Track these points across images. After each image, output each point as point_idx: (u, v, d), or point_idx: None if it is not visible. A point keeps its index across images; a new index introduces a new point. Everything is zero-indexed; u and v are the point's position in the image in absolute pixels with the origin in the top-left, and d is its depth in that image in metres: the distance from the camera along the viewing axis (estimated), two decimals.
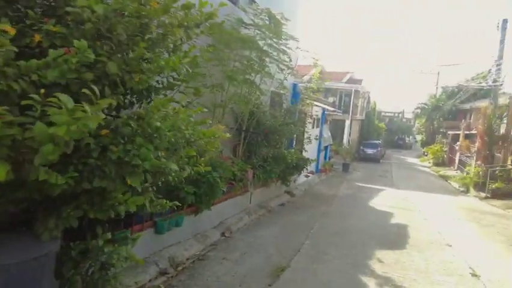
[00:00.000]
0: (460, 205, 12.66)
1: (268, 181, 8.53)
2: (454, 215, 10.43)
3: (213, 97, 6.68)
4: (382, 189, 14.93)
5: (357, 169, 22.11)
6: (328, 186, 13.86)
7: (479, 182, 15.76)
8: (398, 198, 12.69)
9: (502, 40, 17.36)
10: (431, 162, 26.75)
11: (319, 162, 16.33)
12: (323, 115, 16.26)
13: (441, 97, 30.76)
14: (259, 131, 8.06)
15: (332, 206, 9.89)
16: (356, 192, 13.29)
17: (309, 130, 14.11)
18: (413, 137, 45.78)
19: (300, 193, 11.30)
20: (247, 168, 7.11)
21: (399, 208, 10.63)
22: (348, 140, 26.41)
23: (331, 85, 25.72)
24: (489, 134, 16.04)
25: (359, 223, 8.11)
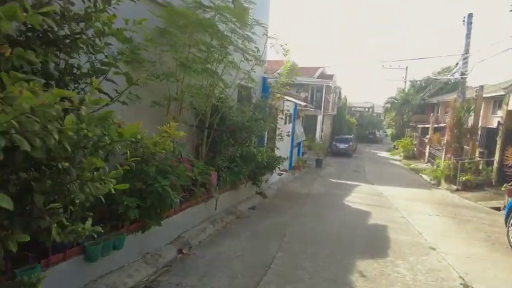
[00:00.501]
0: (433, 199, 12.29)
1: (237, 183, 7.59)
2: (430, 210, 9.94)
3: (167, 89, 5.63)
4: (356, 185, 14.39)
5: (330, 164, 21.63)
6: (302, 184, 13.12)
7: (449, 174, 15.60)
8: (373, 195, 12.14)
9: (467, 34, 17.27)
10: (402, 156, 26.83)
11: (292, 159, 15.58)
12: (295, 110, 15.50)
13: (410, 91, 30.99)
14: (224, 128, 7.08)
15: (306, 206, 9.09)
16: (330, 189, 12.62)
17: (281, 126, 13.28)
18: (383, 131, 46.34)
19: (273, 193, 10.44)
20: (210, 171, 6.12)
21: (375, 206, 10.02)
22: (320, 135, 25.95)
23: (303, 80, 25.10)
24: (458, 127, 15.90)
25: (336, 226, 7.34)
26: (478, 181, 14.49)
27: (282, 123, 13.43)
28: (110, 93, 3.46)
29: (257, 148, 8.23)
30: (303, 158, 18.93)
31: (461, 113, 15.79)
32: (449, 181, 15.60)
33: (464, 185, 14.54)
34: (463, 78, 16.68)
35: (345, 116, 32.16)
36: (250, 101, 9.46)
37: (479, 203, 12.07)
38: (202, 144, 6.94)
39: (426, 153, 23.16)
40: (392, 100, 32.79)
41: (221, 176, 6.85)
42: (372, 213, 8.83)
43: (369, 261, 5.24)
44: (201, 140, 6.96)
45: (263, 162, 8.19)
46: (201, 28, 5.80)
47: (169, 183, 4.36)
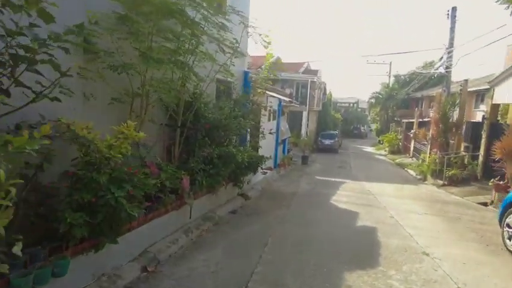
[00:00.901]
0: (421, 196, 11.89)
1: (215, 186, 6.90)
2: (418, 208, 9.49)
3: (129, 83, 4.89)
4: (342, 182, 13.90)
5: (316, 161, 21.15)
6: (287, 183, 12.52)
7: (436, 169, 15.30)
8: (360, 192, 11.64)
9: (451, 28, 16.97)
10: (387, 151, 26.60)
11: (277, 157, 14.98)
12: (279, 106, 14.88)
13: (394, 86, 30.79)
14: (199, 127, 6.37)
15: (290, 208, 8.48)
16: (316, 187, 12.07)
17: (265, 123, 12.63)
18: (367, 126, 46.28)
19: (256, 194, 9.80)
20: (182, 175, 5.42)
21: (362, 205, 9.51)
22: (306, 131, 25.45)
23: (287, 76, 24.54)
24: (444, 121, 15.58)
25: (322, 230, 6.75)
26: (464, 176, 14.21)
27: (266, 120, 12.79)
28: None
29: (237, 147, 7.53)
30: (289, 155, 18.37)
31: (446, 107, 15.47)
32: (435, 176, 15.30)
33: (450, 179, 14.25)
34: (447, 72, 16.36)
35: (330, 111, 31.75)
36: (230, 97, 8.77)
37: (466, 199, 11.73)
38: (175, 145, 6.23)
39: (411, 147, 22.94)
40: (376, 95, 32.56)
41: (196, 180, 6.16)
42: (360, 214, 8.29)
43: (359, 273, 4.65)
44: (174, 140, 6.24)
45: (244, 162, 7.53)
46: (168, 14, 5.06)
47: (125, 193, 3.65)
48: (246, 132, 10.01)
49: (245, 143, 10.16)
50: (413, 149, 22.55)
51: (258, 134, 10.88)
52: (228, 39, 6.92)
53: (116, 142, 3.92)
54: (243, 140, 10.20)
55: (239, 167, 7.65)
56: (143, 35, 4.87)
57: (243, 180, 8.48)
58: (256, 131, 10.77)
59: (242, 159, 7.34)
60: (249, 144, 10.37)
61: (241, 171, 7.94)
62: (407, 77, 29.46)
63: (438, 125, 15.78)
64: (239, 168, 7.76)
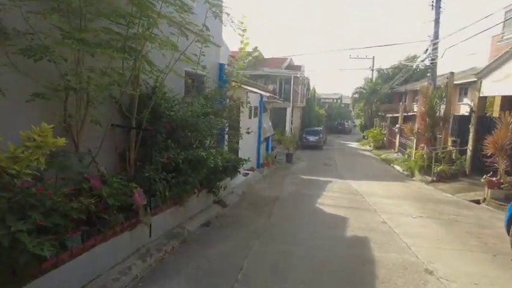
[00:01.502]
0: (411, 194, 11.10)
1: (183, 196, 5.82)
2: (411, 210, 8.66)
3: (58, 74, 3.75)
4: (328, 181, 13.02)
5: (301, 158, 20.28)
6: (270, 184, 11.52)
7: (423, 165, 14.61)
8: (347, 193, 10.76)
9: (436, 19, 16.30)
10: (372, 146, 26.00)
11: (260, 156, 13.97)
12: (261, 103, 13.85)
13: (378, 81, 30.20)
14: (159, 127, 5.26)
15: (272, 217, 7.45)
16: (301, 188, 11.11)
17: (245, 121, 11.58)
18: (351, 122, 45.83)
19: (236, 199, 8.76)
20: (133, 189, 4.33)
21: (351, 208, 8.60)
22: (290, 128, 24.53)
23: (270, 72, 23.52)
24: (431, 115, 14.90)
25: (307, 244, 5.77)
26: (452, 171, 13.55)
27: (246, 118, 11.75)
28: None
29: (209, 150, 6.44)
30: (273, 153, 17.40)
31: (433, 100, 14.78)
32: (423, 172, 14.61)
33: (438, 175, 13.57)
34: (433, 64, 15.68)
35: (314, 107, 30.95)
36: (201, 93, 7.66)
37: (457, 196, 11.02)
38: (130, 150, 5.11)
39: (396, 142, 22.35)
40: (360, 90, 31.93)
41: (157, 191, 5.07)
42: (349, 220, 7.36)
43: None
44: (129, 144, 5.12)
45: (218, 166, 6.47)
46: None
47: (31, 225, 2.55)
48: (223, 132, 8.94)
49: (223, 143, 9.10)
50: (399, 144, 21.96)
51: (237, 133, 9.83)
52: (196, 25, 5.83)
53: (24, 153, 2.80)
54: (221, 140, 9.14)
55: (213, 172, 6.59)
56: (75, 12, 3.73)
57: (219, 186, 7.42)
58: (235, 130, 9.71)
59: (215, 163, 6.27)
60: (227, 144, 9.32)
61: (215, 176, 6.88)
62: (390, 71, 28.93)
63: (425, 119, 15.09)
64: (213, 174, 6.70)
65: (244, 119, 11.22)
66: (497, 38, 15.39)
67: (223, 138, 9.11)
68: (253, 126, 12.84)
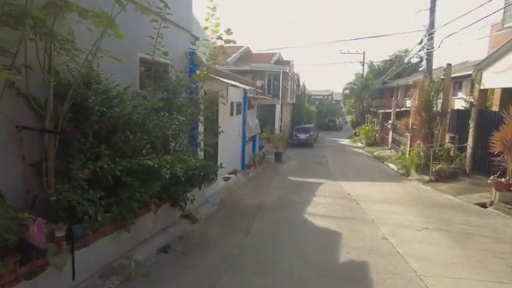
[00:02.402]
0: (410, 197, 9.80)
1: (129, 217, 4.36)
2: (413, 218, 7.34)
3: None
4: (319, 183, 11.66)
5: (291, 157, 18.94)
6: (254, 189, 10.12)
7: (420, 163, 13.36)
8: (340, 198, 9.42)
9: (432, 8, 15.00)
10: (364, 143, 24.77)
11: (245, 157, 12.56)
12: (245, 98, 12.42)
13: (369, 76, 28.93)
14: (85, 128, 3.81)
15: (250, 234, 5.99)
16: (288, 193, 9.72)
17: (226, 118, 10.17)
18: (342, 118, 44.61)
19: (210, 211, 7.34)
20: (28, 220, 2.89)
21: (344, 218, 7.26)
22: (280, 126, 23.16)
23: (258, 67, 22.09)
24: (428, 110, 13.63)
25: (292, 278, 4.39)
26: (452, 170, 12.31)
27: (227, 115, 10.32)
28: None
29: (165, 157, 4.97)
30: (260, 153, 16.01)
31: (430, 94, 13.51)
32: (420, 171, 13.36)
33: (437, 175, 12.32)
34: (428, 56, 14.39)
35: (304, 104, 29.61)
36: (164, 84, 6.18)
37: (459, 198, 9.76)
38: (47, 161, 3.65)
39: (389, 139, 21.14)
40: (351, 86, 30.59)
41: (86, 214, 3.63)
42: (342, 236, 6.00)
43: None
44: (45, 153, 3.66)
45: (178, 176, 5.03)
46: None
47: None
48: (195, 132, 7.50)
49: (195, 145, 7.67)
50: (392, 140, 20.76)
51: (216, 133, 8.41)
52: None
53: None
54: (192, 141, 7.70)
55: (173, 183, 5.16)
56: None
57: (186, 197, 5.99)
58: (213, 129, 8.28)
59: (173, 171, 4.84)
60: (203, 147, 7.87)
61: (177, 188, 5.45)
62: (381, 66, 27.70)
63: (421, 114, 13.83)
64: (174, 185, 5.27)
65: (224, 117, 9.79)
66: (497, 27, 14.16)
67: (195, 139, 7.67)
68: (236, 124, 11.43)
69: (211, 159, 9.23)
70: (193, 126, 6.98)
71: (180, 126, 5.92)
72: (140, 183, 4.43)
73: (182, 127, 6.10)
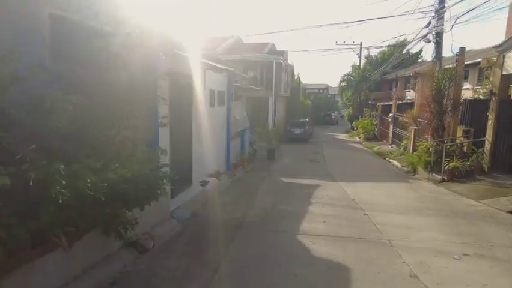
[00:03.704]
0: (425, 203, 7.84)
1: None
2: (441, 236, 5.41)
3: None
4: (316, 185, 9.68)
5: (284, 154, 16.94)
6: (238, 195, 8.11)
7: (430, 160, 11.44)
8: (343, 205, 7.44)
9: None
10: (362, 137, 22.80)
11: (230, 156, 10.53)
12: (230, 87, 10.36)
13: (367, 67, 26.89)
14: None
15: (217, 276, 4.01)
16: (279, 201, 7.72)
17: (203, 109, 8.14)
18: (338, 113, 42.57)
19: (172, 232, 5.32)
20: None
21: (352, 239, 5.29)
22: (273, 120, 21.12)
23: (250, 57, 19.97)
24: (438, 100, 11.67)
25: None
26: (467, 168, 10.41)
27: (205, 105, 8.28)
28: None
29: (58, 167, 2.91)
30: (250, 150, 13.99)
31: (441, 82, 11.52)
32: (429, 168, 11.45)
33: (450, 173, 10.42)
34: (438, 39, 12.37)
35: (299, 97, 27.53)
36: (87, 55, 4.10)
37: (483, 203, 7.89)
38: None
39: (389, 133, 19.18)
40: (348, 78, 28.45)
41: None
42: (353, 273, 4.05)
43: None
44: None
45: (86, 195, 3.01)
46: None
47: None
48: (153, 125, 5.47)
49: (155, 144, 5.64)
50: (392, 134, 18.81)
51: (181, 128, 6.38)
52: None
53: None
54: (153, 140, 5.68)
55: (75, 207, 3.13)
56: None
57: (126, 219, 3.97)
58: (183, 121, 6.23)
59: (79, 188, 2.82)
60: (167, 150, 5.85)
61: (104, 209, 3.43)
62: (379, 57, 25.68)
63: (431, 105, 11.86)
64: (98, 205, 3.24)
65: (199, 107, 7.76)
66: None
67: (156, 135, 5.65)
68: (218, 117, 9.39)
69: (184, 161, 7.23)
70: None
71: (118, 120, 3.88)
72: (10, 212, 2.41)
73: (123, 121, 4.05)
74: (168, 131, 6.48)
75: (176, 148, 6.79)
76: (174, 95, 6.60)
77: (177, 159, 6.85)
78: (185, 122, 7.31)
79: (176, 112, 6.76)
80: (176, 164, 6.76)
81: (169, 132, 6.54)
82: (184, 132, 7.25)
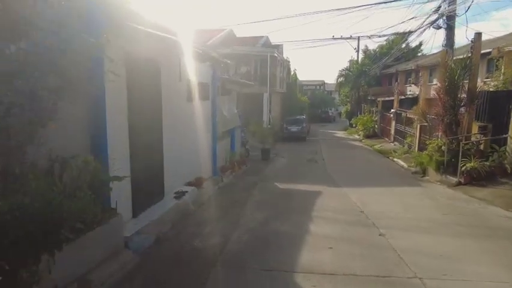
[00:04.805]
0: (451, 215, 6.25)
1: None
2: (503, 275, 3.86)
3: None
4: (317, 192, 8.06)
5: (280, 154, 15.34)
6: (222, 209, 6.43)
7: (443, 160, 9.88)
8: (352, 224, 5.79)
9: None
10: (361, 135, 21.22)
11: (216, 158, 8.90)
12: (215, 78, 8.70)
13: (365, 61, 25.26)
14: None
15: None
16: (271, 217, 6.02)
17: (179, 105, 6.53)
18: (335, 109, 40.96)
19: (119, 273, 3.70)
20: None
21: (370, 279, 3.72)
22: (268, 117, 19.49)
23: (243, 51, 18.31)
24: (452, 93, 10.08)
25: None
26: (487, 169, 8.86)
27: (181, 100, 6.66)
28: None
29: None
30: (242, 150, 12.40)
31: (455, 72, 9.94)
32: (442, 170, 9.90)
33: (468, 176, 8.89)
34: (450, 22, 10.74)
35: (296, 94, 25.86)
36: None
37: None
38: None
39: (391, 130, 17.62)
40: (346, 72, 26.75)
41: None
42: None
43: None
44: None
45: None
46: None
47: None
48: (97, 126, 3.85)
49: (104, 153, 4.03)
50: (395, 131, 17.25)
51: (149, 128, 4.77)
52: None
53: None
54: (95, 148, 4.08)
55: None
56: None
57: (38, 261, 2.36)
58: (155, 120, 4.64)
59: None
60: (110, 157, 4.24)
61: None
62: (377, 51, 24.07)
63: (443, 99, 10.27)
64: None
65: (172, 102, 6.13)
66: None
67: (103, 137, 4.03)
68: (200, 114, 7.76)
69: (152, 169, 5.61)
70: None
71: None
72: None
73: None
74: (126, 130, 4.86)
75: (141, 153, 5.17)
76: (134, 85, 4.97)
77: (142, 167, 5.24)
78: (154, 120, 5.68)
79: (138, 106, 5.13)
80: (141, 173, 5.15)
81: (128, 132, 4.93)
82: (152, 132, 5.62)
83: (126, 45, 4.56)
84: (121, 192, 4.57)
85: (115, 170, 4.31)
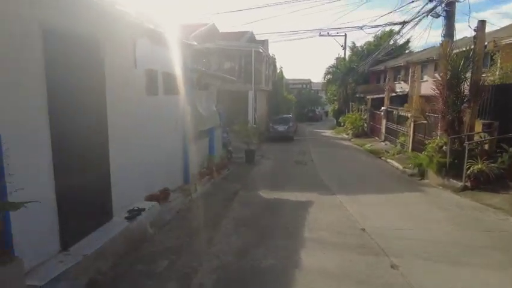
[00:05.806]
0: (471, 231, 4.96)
1: None
2: None
3: None
4: (309, 203, 6.66)
5: (266, 155, 13.95)
6: (183, 237, 4.86)
7: (445, 162, 8.71)
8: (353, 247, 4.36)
9: None
10: (350, 134, 20.08)
11: (188, 164, 7.38)
12: (189, 71, 7.20)
13: (353, 58, 24.18)
14: None
15: None
16: (251, 243, 4.51)
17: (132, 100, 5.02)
18: (322, 108, 39.92)
19: None
20: None
21: None
22: (253, 117, 18.07)
23: (226, 46, 16.82)
24: (454, 87, 8.92)
25: None
26: (495, 171, 7.72)
27: (140, 93, 5.15)
28: None
29: None
30: (223, 153, 10.95)
31: (458, 64, 8.77)
32: (444, 172, 8.72)
33: (475, 179, 7.74)
34: (448, 6, 9.58)
35: (282, 92, 24.54)
36: None
37: None
38: None
39: (382, 129, 16.51)
40: (333, 70, 25.61)
41: None
42: None
43: None
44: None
45: None
46: None
47: None
48: None
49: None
50: (385, 130, 16.15)
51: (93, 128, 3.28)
52: None
53: None
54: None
55: None
56: None
57: None
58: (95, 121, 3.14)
59: None
60: None
61: None
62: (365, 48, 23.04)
63: (444, 94, 9.10)
64: None
65: (123, 95, 4.62)
66: None
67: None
68: (166, 110, 6.24)
69: (93, 183, 4.10)
70: None
71: None
72: None
73: None
74: (45, 132, 3.35)
75: (74, 162, 3.66)
76: (60, 70, 3.45)
77: (76, 182, 3.72)
78: (95, 117, 4.16)
79: (68, 99, 3.61)
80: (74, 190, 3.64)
81: (50, 133, 3.42)
82: (92, 133, 4.10)
83: (46, 17, 3.05)
84: (34, 222, 3.09)
85: (14, 190, 2.82)
